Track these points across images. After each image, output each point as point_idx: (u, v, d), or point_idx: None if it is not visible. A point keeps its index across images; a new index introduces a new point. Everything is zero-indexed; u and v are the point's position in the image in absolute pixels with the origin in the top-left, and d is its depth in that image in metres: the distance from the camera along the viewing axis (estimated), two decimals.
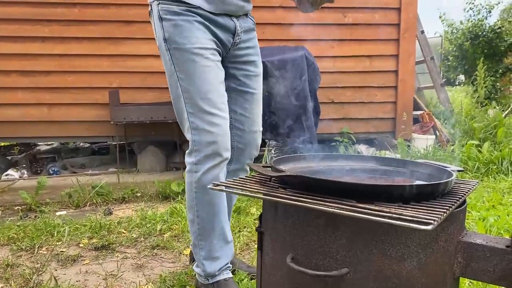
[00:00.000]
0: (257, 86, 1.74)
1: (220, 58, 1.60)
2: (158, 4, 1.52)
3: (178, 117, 1.63)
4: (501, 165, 3.66)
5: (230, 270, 1.78)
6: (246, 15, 1.70)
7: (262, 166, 1.11)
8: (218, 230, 1.67)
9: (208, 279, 1.73)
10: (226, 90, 1.64)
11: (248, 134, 1.75)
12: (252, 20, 1.74)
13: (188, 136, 1.59)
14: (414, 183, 1.03)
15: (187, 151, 1.62)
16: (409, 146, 4.32)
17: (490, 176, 3.53)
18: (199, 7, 1.52)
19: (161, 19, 1.52)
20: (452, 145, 4.23)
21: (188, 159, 1.61)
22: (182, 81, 1.54)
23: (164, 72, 1.63)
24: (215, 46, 1.57)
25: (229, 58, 1.68)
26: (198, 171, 1.58)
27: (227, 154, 1.59)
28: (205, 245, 1.67)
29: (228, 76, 1.68)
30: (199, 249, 1.69)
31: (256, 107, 1.74)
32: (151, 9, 1.57)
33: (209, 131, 1.53)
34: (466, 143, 4.07)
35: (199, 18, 1.52)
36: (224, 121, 1.57)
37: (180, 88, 1.55)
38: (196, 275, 1.80)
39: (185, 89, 1.54)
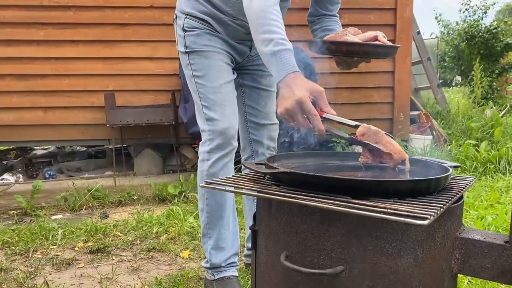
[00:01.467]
0: (271, 84, 1.86)
1: (232, 64, 1.75)
2: (185, 18, 1.68)
3: (196, 113, 1.75)
4: (499, 164, 3.66)
5: (236, 268, 1.82)
6: None
7: (256, 164, 1.09)
8: (226, 219, 1.76)
9: (213, 274, 1.78)
10: (243, 87, 1.84)
11: (262, 127, 1.87)
12: None
13: (203, 127, 1.70)
14: (410, 179, 1.02)
15: (201, 142, 1.73)
16: (406, 146, 4.31)
17: (487, 175, 3.52)
18: (219, 32, 1.68)
19: (184, 30, 1.69)
20: (449, 144, 4.22)
21: (202, 149, 1.72)
22: (197, 79, 1.69)
23: (159, 75, 1.70)
24: (229, 54, 1.72)
25: (246, 62, 1.82)
26: (210, 159, 1.69)
27: (236, 144, 1.72)
28: (213, 233, 1.76)
29: (244, 75, 1.83)
30: (208, 238, 1.77)
31: (269, 103, 1.88)
32: (177, 17, 1.73)
33: (222, 121, 1.66)
34: (464, 143, 4.06)
35: (219, 35, 1.69)
36: (234, 113, 1.70)
37: (196, 85, 1.70)
38: (205, 272, 1.84)
39: (200, 86, 1.68)
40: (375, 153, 1.11)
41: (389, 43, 1.37)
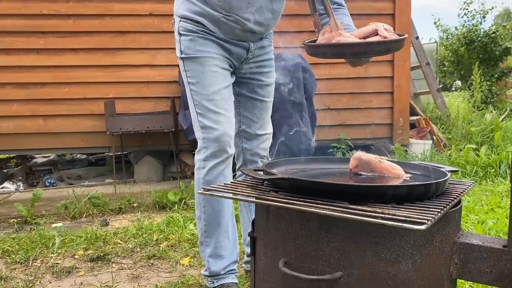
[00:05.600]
0: (267, 95, 1.86)
1: (229, 68, 1.73)
2: (180, 21, 1.68)
3: (192, 120, 1.73)
4: (499, 168, 3.65)
5: (236, 275, 1.81)
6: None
7: (254, 170, 1.09)
8: (224, 227, 1.74)
9: (213, 282, 1.77)
10: (239, 96, 1.82)
11: (254, 137, 1.86)
12: (269, 38, 1.83)
13: (198, 135, 1.69)
14: (407, 184, 1.02)
15: (196, 150, 1.71)
16: (406, 151, 4.30)
17: (488, 180, 3.51)
18: (214, 32, 1.66)
19: (180, 34, 1.68)
20: (449, 149, 4.22)
21: (197, 157, 1.71)
22: (192, 86, 1.67)
23: (159, 82, 1.71)
24: (225, 58, 1.70)
25: (243, 69, 1.79)
26: (205, 167, 1.67)
27: (232, 151, 1.70)
28: (211, 241, 1.74)
29: (241, 84, 1.81)
30: (205, 247, 1.76)
31: (264, 113, 1.86)
32: (174, 22, 1.73)
33: (216, 128, 1.64)
34: (464, 147, 4.06)
35: (213, 38, 1.66)
36: (229, 120, 1.68)
37: (191, 92, 1.68)
38: (205, 280, 1.83)
39: (195, 93, 1.67)
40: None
41: (392, 37, 1.18)
